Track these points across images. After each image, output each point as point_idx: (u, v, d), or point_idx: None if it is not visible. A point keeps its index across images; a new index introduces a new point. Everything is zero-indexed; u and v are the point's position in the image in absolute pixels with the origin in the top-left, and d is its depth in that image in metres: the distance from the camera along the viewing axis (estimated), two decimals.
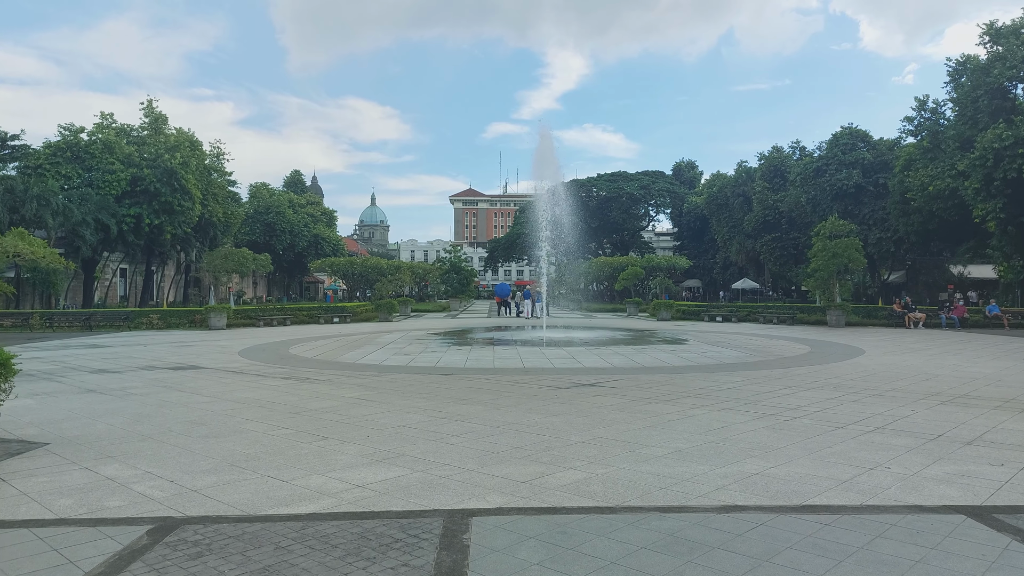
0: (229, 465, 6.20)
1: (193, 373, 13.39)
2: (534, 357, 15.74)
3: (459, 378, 12.26)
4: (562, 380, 11.83)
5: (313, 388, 11.18)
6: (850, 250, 28.89)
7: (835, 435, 7.35)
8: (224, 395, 10.49)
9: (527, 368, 13.66)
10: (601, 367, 13.82)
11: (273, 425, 8.06)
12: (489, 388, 10.95)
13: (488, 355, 16.34)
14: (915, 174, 44.32)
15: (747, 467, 5.99)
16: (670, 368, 13.66)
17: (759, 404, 9.35)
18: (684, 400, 9.67)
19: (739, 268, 78.61)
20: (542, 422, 8.07)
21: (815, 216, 59.17)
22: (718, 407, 9.09)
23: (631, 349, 17.90)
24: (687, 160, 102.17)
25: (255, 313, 30.80)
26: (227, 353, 17.52)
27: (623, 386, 11.09)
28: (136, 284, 52.73)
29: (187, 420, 8.45)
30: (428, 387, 11.16)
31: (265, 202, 74.15)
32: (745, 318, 32.12)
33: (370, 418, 8.46)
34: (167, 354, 17.40)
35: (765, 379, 11.99)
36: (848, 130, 58.82)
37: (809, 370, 13.38)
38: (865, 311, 30.49)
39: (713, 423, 7.99)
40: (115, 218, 40.52)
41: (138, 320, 29.23)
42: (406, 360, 15.43)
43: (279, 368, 14.15)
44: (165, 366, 14.69)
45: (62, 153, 41.46)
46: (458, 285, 54.43)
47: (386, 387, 11.24)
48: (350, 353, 17.23)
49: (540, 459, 6.30)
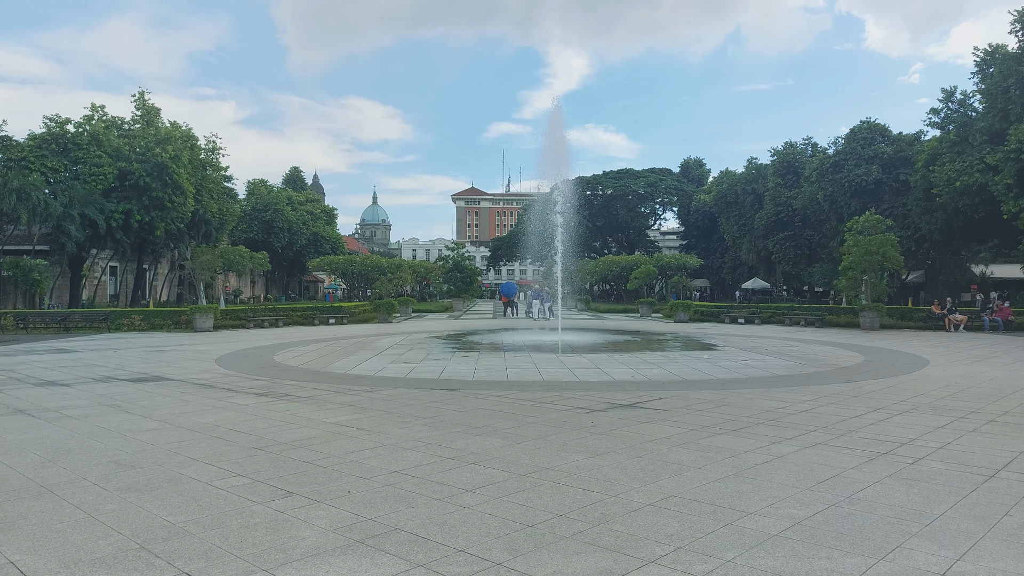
0: (137, 549, 4.16)
1: (153, 387, 11.34)
2: (552, 367, 13.68)
3: (468, 395, 10.21)
4: (593, 399, 9.76)
5: (290, 409, 9.12)
6: (885, 247, 26.80)
7: (996, 491, 5.29)
8: (177, 419, 8.44)
9: (547, 382, 11.60)
10: (634, 380, 11.76)
11: (224, 470, 6.01)
12: (507, 410, 8.89)
13: (499, 364, 14.28)
14: (941, 168, 42.16)
15: (920, 561, 3.92)
16: (716, 382, 11.60)
17: (856, 436, 7.29)
18: (756, 430, 7.61)
19: (749, 267, 76.36)
20: (585, 466, 6.01)
21: (832, 213, 57.07)
22: (806, 441, 7.03)
23: (659, 356, 15.84)
24: (695, 158, 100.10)
25: (245, 314, 28.75)
26: (203, 360, 15.48)
27: (671, 407, 9.03)
28: (127, 283, 50.72)
29: (114, 460, 6.41)
30: (431, 408, 9.10)
31: (263, 199, 72.13)
32: (769, 320, 30.04)
33: (355, 458, 6.41)
34: (135, 361, 15.37)
35: (838, 397, 9.92)
36: (866, 124, 56.65)
37: (881, 385, 11.30)
38: (899, 313, 28.38)
39: (816, 468, 5.93)
40: (103, 214, 38.51)
41: (119, 321, 27.23)
42: (405, 370, 13.38)
43: (256, 380, 12.11)
44: (126, 377, 12.65)
45: (47, 145, 39.46)
46: (461, 284, 52.34)
47: (379, 408, 9.18)
48: (342, 361, 15.19)
49: (599, 540, 4.25)
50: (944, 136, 44.10)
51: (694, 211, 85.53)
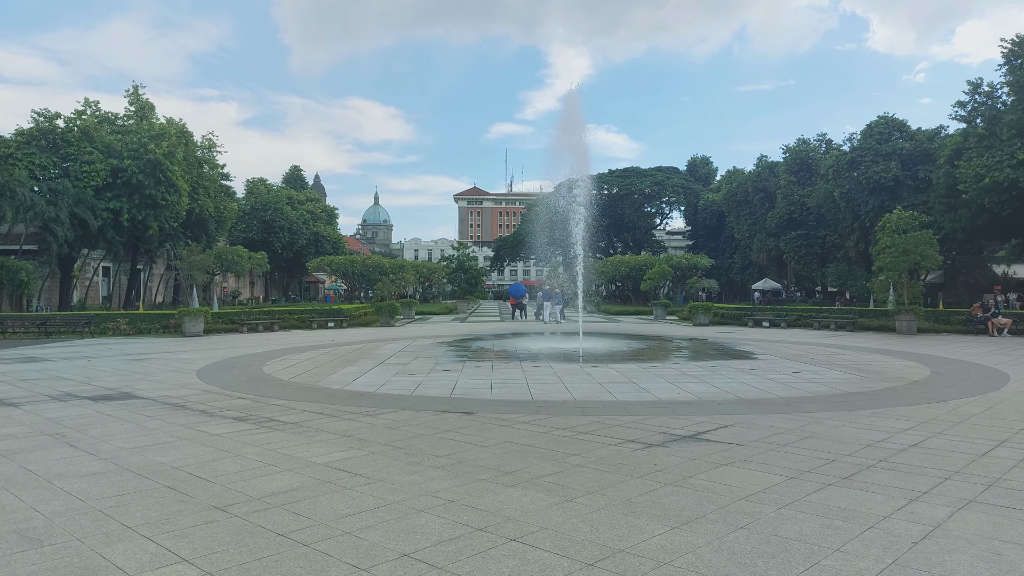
0: None
1: (116, 408, 9.60)
2: (580, 381, 11.92)
3: (489, 421, 8.46)
4: (643, 427, 8.01)
5: (271, 442, 7.37)
6: (922, 245, 25.00)
7: None
8: (128, 458, 6.70)
9: (580, 402, 9.84)
10: (681, 399, 10.01)
11: (164, 551, 4.26)
12: (541, 445, 7.13)
13: (518, 377, 12.53)
14: (968, 164, 40.35)
15: None
16: (780, 402, 9.83)
17: (1010, 488, 5.53)
18: (873, 476, 5.85)
19: (759, 268, 74.45)
20: (673, 546, 4.26)
21: (848, 212, 55.23)
22: (952, 496, 5.27)
23: (697, 367, 14.06)
24: (701, 156, 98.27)
25: (238, 317, 27.01)
26: (183, 372, 13.75)
27: (744, 439, 7.27)
28: (120, 284, 49.01)
29: (18, 530, 4.66)
30: (446, 441, 7.35)
31: (263, 198, 70.45)
32: (795, 323, 28.24)
33: (349, 527, 4.67)
34: (107, 373, 13.63)
35: (941, 424, 8.15)
36: (883, 119, 54.77)
37: (978, 406, 9.52)
38: (933, 315, 26.56)
39: (1004, 549, 4.17)
40: (94, 212, 36.82)
41: (104, 325, 25.51)
42: (411, 385, 11.63)
43: (238, 398, 10.37)
44: (88, 394, 10.92)
45: (35, 141, 37.76)
46: (466, 285, 50.55)
47: (382, 440, 7.43)
48: (339, 372, 13.44)
49: None
50: (970, 130, 42.31)
51: (702, 210, 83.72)
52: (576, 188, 19.29)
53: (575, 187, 19.30)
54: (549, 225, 25.47)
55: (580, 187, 18.95)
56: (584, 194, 19.03)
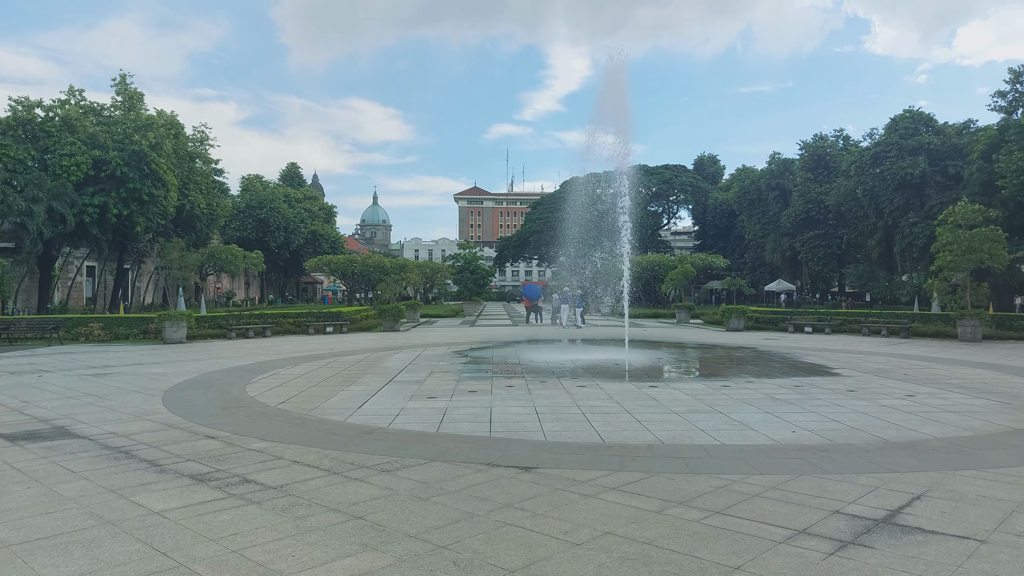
0: None
1: (34, 454, 6.98)
2: (649, 410, 9.30)
3: (562, 487, 5.83)
4: (799, 500, 5.38)
5: (238, 531, 4.73)
6: (989, 243, 22.43)
7: None
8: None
9: (672, 447, 7.21)
10: (806, 443, 7.39)
11: None
12: (665, 542, 4.50)
13: (566, 402, 9.90)
14: (1009, 157, 37.86)
15: None
16: (946, 445, 7.20)
17: None
18: None
19: (772, 268, 71.78)
20: None
21: (871, 209, 52.66)
22: None
23: (780, 388, 11.43)
24: (709, 154, 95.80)
25: (226, 321, 24.34)
26: (147, 393, 11.10)
27: (967, 530, 4.66)
28: (106, 284, 46.25)
29: None
30: (513, 535, 4.72)
31: (258, 196, 67.73)
32: (839, 328, 25.68)
33: None
34: (52, 395, 10.99)
35: None
36: (909, 113, 52.20)
37: None
38: (996, 320, 24.01)
39: None
40: (73, 208, 34.13)
41: (75, 330, 22.84)
42: (434, 415, 9.01)
43: (205, 439, 7.73)
44: (10, 428, 8.29)
45: (12, 131, 35.04)
46: (473, 286, 47.81)
47: (411, 530, 4.80)
48: (340, 395, 10.81)
49: None
50: (1011, 122, 39.81)
51: (711, 209, 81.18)
52: (613, 179, 16.82)
53: (622, 175, 16.71)
54: (574, 220, 22.82)
55: (624, 180, 16.38)
56: (626, 184, 16.45)
